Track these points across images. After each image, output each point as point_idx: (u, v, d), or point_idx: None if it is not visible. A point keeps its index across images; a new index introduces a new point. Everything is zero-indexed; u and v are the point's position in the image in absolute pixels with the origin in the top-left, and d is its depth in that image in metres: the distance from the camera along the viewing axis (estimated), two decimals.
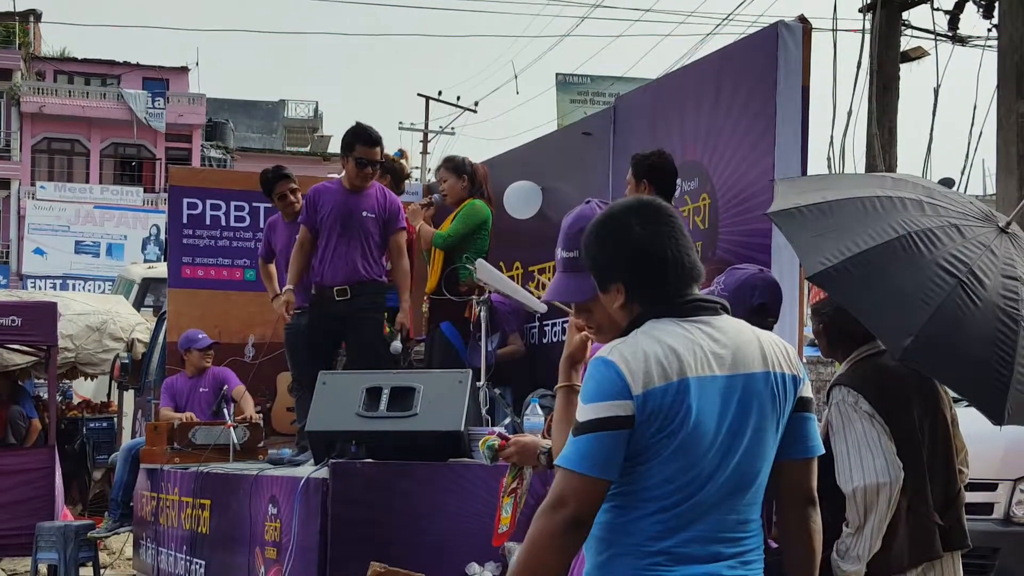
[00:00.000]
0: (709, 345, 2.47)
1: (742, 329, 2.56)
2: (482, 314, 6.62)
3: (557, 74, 35.46)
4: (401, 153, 8.79)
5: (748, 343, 2.52)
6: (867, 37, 11.39)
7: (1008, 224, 3.61)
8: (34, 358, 11.37)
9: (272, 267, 7.93)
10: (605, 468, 2.36)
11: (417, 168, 36.03)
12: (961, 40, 11.82)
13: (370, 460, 5.42)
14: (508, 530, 3.38)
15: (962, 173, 11.34)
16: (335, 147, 43.95)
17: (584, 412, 2.38)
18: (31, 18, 42.41)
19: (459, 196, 7.38)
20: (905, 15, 11.80)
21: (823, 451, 2.70)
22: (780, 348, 2.57)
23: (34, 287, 33.21)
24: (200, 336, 8.61)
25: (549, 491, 2.39)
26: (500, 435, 3.41)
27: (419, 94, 36.56)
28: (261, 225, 9.20)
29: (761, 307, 3.76)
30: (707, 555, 2.43)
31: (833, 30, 11.16)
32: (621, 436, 2.36)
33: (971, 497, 4.01)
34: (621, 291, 2.55)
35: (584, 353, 2.95)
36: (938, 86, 11.30)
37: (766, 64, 5.86)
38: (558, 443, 2.79)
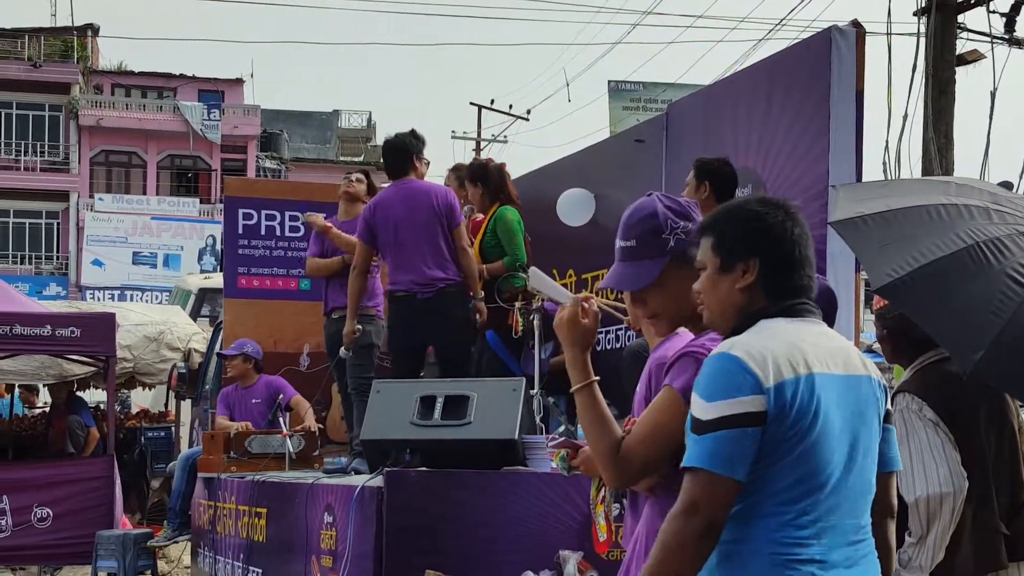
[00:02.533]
0: (825, 343, 2.44)
1: (838, 333, 2.58)
2: (536, 322, 6.61)
3: (609, 81, 35.39)
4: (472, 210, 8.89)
5: (850, 347, 2.52)
6: (922, 41, 11.29)
7: None
8: (93, 368, 11.51)
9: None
10: (736, 467, 2.29)
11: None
12: (1018, 43, 11.69)
13: (424, 468, 5.43)
14: (608, 537, 3.40)
15: (1021, 176, 11.18)
16: None
17: (708, 410, 2.31)
18: (89, 33, 43.05)
19: (482, 204, 7.42)
20: (960, 18, 11.69)
21: (901, 466, 2.68)
22: (864, 356, 2.57)
23: (92, 298, 33.72)
24: (234, 345, 8.69)
25: (680, 495, 2.33)
26: (565, 443, 3.40)
27: (471, 103, 36.61)
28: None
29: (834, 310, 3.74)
30: (847, 561, 2.39)
31: (888, 34, 11.07)
32: (753, 434, 2.30)
33: None
34: (753, 270, 2.50)
35: (594, 336, 2.87)
36: (995, 89, 11.17)
37: (819, 69, 5.82)
38: (597, 445, 2.76)
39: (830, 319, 3.74)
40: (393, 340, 6.96)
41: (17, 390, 14.34)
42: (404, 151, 7.04)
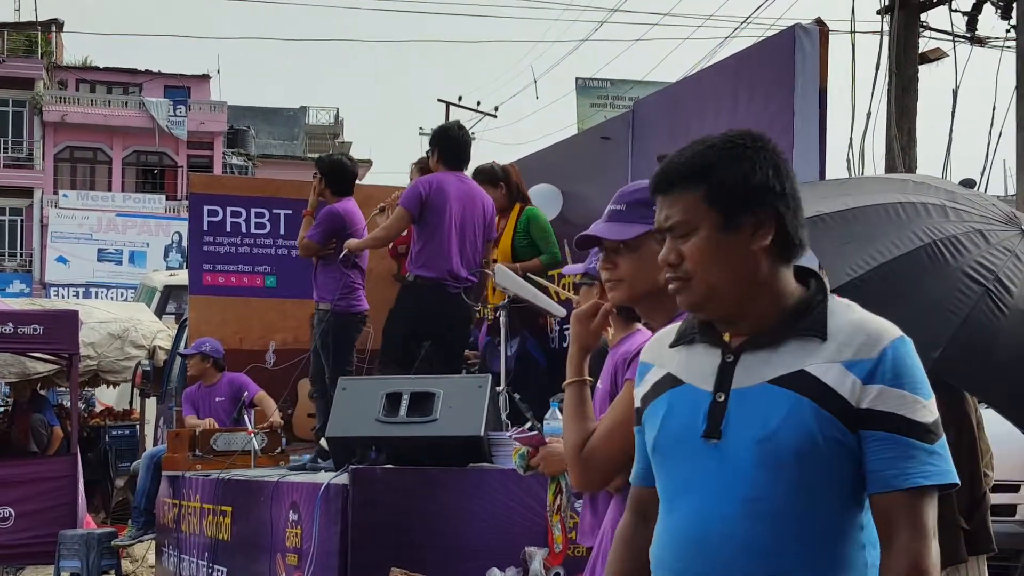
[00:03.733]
0: None
1: None
2: (501, 318, 6.62)
3: (577, 78, 35.42)
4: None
5: None
6: (885, 39, 11.37)
7: None
8: (56, 366, 11.42)
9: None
10: None
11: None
12: (980, 41, 11.79)
13: (390, 466, 5.42)
14: (563, 549, 3.38)
15: (982, 174, 11.29)
16: (356, 153, 44.08)
17: (933, 409, 1.97)
18: (53, 27, 42.68)
19: (501, 205, 7.40)
20: (923, 17, 11.78)
21: None
22: None
23: (57, 295, 33.47)
24: (193, 344, 8.64)
25: (921, 521, 1.94)
26: (526, 439, 3.38)
27: (439, 99, 36.58)
28: (282, 231, 9.21)
29: None
30: None
31: (851, 32, 11.13)
32: None
33: (995, 499, 3.98)
34: (772, 226, 2.00)
35: (598, 339, 2.82)
36: (957, 87, 11.26)
37: (783, 67, 5.85)
38: (567, 440, 2.76)
39: None
40: (403, 324, 6.81)
41: None
42: (468, 146, 7.07)
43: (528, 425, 5.83)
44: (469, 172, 7.25)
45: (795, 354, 1.99)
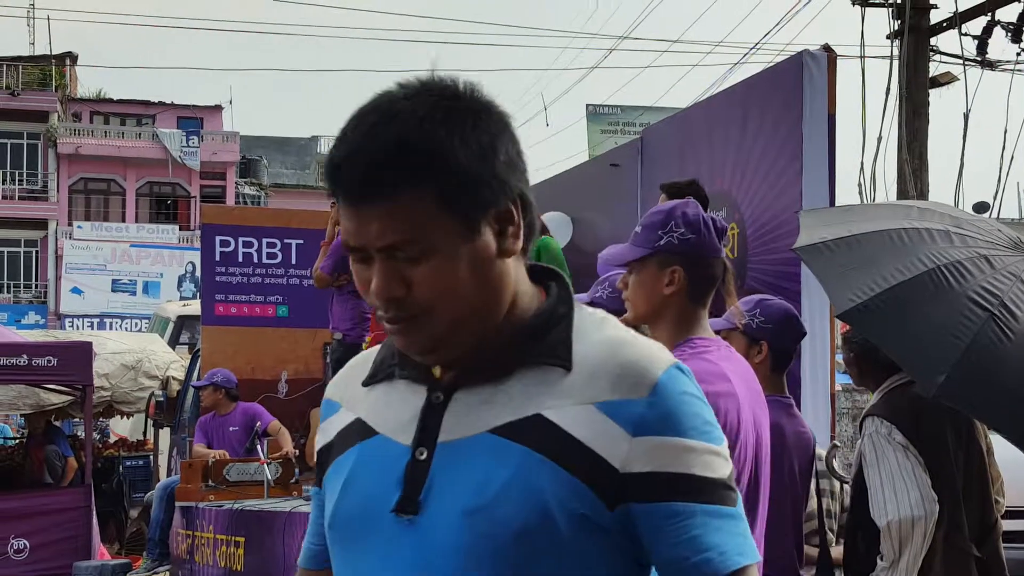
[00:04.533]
0: None
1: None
2: None
3: (587, 105, 35.51)
4: None
5: None
6: (895, 63, 11.38)
7: None
8: (70, 397, 11.45)
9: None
10: None
11: None
12: (990, 65, 11.78)
13: None
14: None
15: (994, 198, 11.27)
16: None
17: (727, 455, 1.52)
18: (67, 61, 42.97)
19: None
20: (933, 41, 11.79)
21: None
22: None
23: (72, 326, 33.54)
24: (206, 375, 8.64)
25: None
26: None
27: None
28: (293, 261, 9.27)
29: (804, 333, 3.75)
30: None
31: (861, 57, 11.14)
32: None
33: (1008, 525, 3.95)
34: (519, 218, 1.51)
35: None
36: (968, 111, 11.25)
37: (791, 93, 5.86)
38: None
39: (793, 345, 3.72)
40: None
41: None
42: None
43: None
44: None
45: (528, 392, 1.41)
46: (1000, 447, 3.78)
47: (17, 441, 14.15)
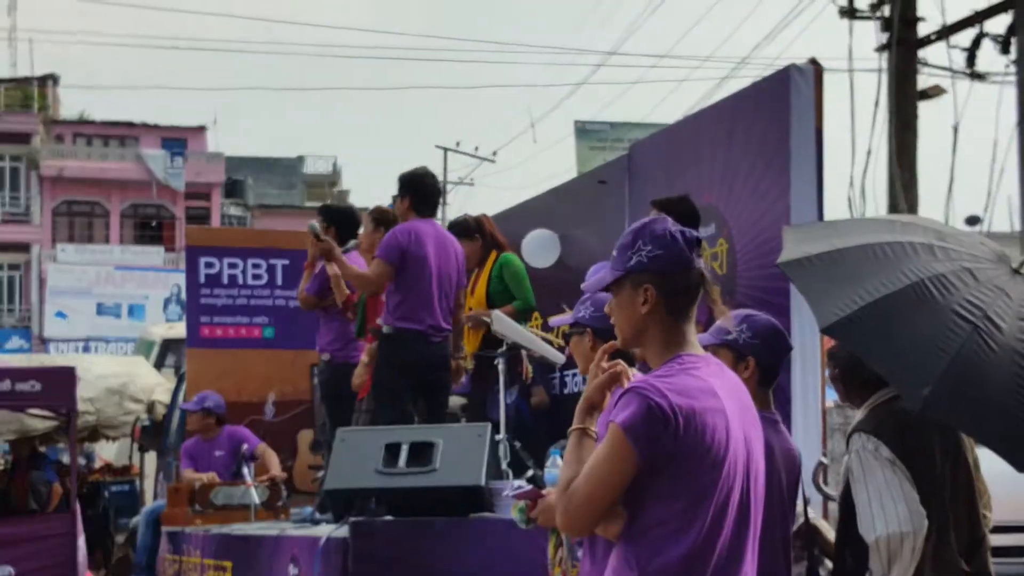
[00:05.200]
0: None
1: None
2: (500, 366, 6.58)
3: (575, 121, 35.60)
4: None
5: None
6: (884, 77, 11.40)
7: (1022, 265, 3.57)
8: (55, 423, 11.35)
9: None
10: None
11: (439, 220, 36.12)
12: (979, 76, 11.81)
13: (390, 517, 5.36)
14: None
15: (985, 210, 11.29)
16: (354, 200, 44.13)
17: None
18: (49, 82, 42.92)
19: (478, 256, 7.41)
20: (921, 53, 11.82)
21: None
22: None
23: (56, 351, 33.37)
24: (195, 398, 8.54)
25: None
26: (524, 494, 3.34)
27: (437, 146, 36.72)
28: (279, 282, 9.22)
29: (791, 348, 3.75)
30: None
31: (849, 70, 11.17)
32: None
33: (997, 540, 3.93)
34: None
35: (603, 398, 2.81)
36: (957, 123, 11.28)
37: (779, 107, 5.86)
38: (561, 480, 2.73)
39: (780, 360, 3.70)
40: (390, 374, 6.70)
41: None
42: (439, 193, 7.05)
43: (524, 479, 5.79)
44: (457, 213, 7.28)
45: None
46: (987, 461, 3.78)
47: (1, 468, 14.04)
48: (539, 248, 7.79)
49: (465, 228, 7.46)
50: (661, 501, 2.58)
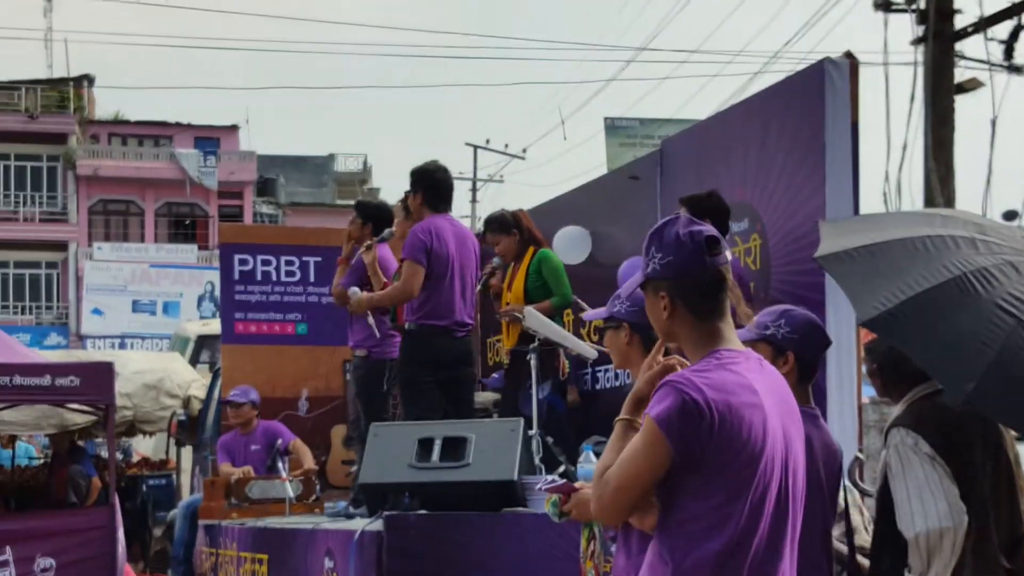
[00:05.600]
0: None
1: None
2: (532, 362, 6.60)
3: (605, 118, 35.47)
4: None
5: None
6: (919, 70, 11.30)
7: None
8: (93, 417, 11.47)
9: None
10: None
11: (467, 217, 36.21)
12: (1017, 69, 11.68)
13: (424, 511, 5.39)
14: None
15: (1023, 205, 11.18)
16: (384, 198, 44.15)
17: None
18: (84, 83, 43.25)
19: (515, 251, 7.40)
20: (958, 46, 11.70)
21: None
22: None
23: (93, 347, 33.66)
24: (233, 393, 8.61)
25: None
26: (557, 487, 3.35)
27: (467, 143, 36.79)
28: (311, 279, 9.27)
29: (829, 342, 3.74)
30: None
31: (884, 64, 11.10)
32: None
33: None
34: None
35: (650, 389, 2.80)
36: (995, 117, 11.16)
37: (813, 102, 5.83)
38: (598, 467, 2.76)
39: (818, 355, 3.70)
40: (416, 373, 6.72)
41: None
42: (452, 188, 7.05)
43: (561, 468, 5.80)
44: (488, 210, 7.28)
45: None
46: None
47: (41, 461, 14.20)
48: (570, 244, 7.79)
49: (503, 223, 7.45)
50: (696, 496, 2.59)
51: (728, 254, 2.76)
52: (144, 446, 16.05)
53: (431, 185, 6.88)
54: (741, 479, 2.57)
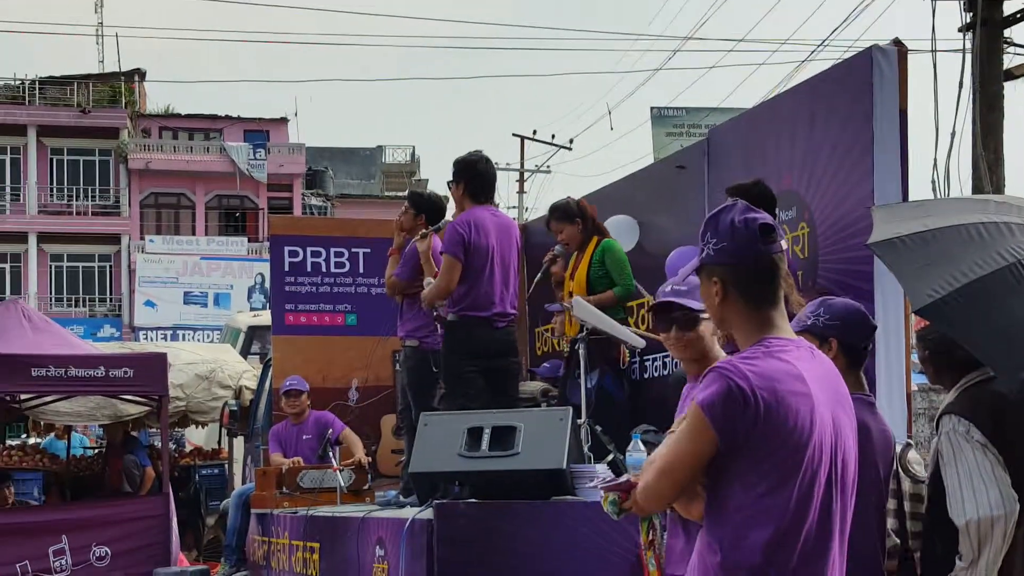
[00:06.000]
0: None
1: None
2: (581, 351, 6.61)
3: (652, 108, 35.39)
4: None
5: None
6: (968, 57, 11.17)
7: None
8: (147, 408, 11.63)
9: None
10: None
11: (514, 208, 36.22)
12: None
13: (473, 500, 5.43)
14: None
15: None
16: (433, 190, 44.22)
17: None
18: (136, 77, 43.71)
19: (579, 240, 7.40)
20: (1007, 32, 11.56)
21: None
22: None
23: (146, 339, 34.06)
24: (288, 382, 8.69)
25: None
26: (615, 486, 3.37)
27: (514, 134, 36.78)
28: (361, 270, 9.33)
29: (874, 327, 3.74)
30: None
31: (932, 51, 10.96)
32: None
33: None
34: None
35: None
36: None
37: (861, 89, 5.79)
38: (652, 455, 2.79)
39: (863, 340, 3.69)
40: (458, 364, 6.77)
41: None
42: (495, 179, 7.08)
43: (610, 457, 5.81)
44: (533, 201, 7.27)
45: None
46: None
47: (96, 451, 14.41)
48: (618, 233, 7.77)
49: (567, 211, 7.45)
50: (744, 484, 2.59)
51: (783, 243, 2.76)
52: (197, 436, 16.23)
53: (474, 176, 6.91)
54: (787, 467, 2.57)
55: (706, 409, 2.58)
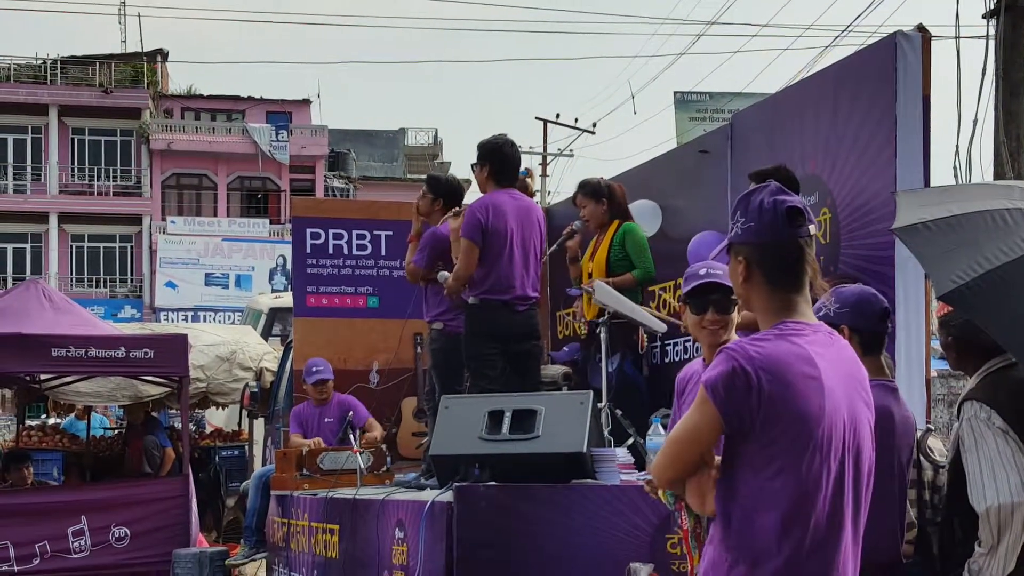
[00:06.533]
0: None
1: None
2: (602, 335, 6.62)
3: (675, 92, 35.32)
4: (527, 172, 8.83)
5: None
6: (991, 43, 11.10)
7: None
8: (167, 389, 11.68)
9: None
10: None
11: (538, 191, 36.21)
12: None
13: (493, 483, 5.45)
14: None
15: None
16: (455, 173, 44.20)
17: None
18: (158, 58, 43.80)
19: (601, 220, 7.39)
20: None
21: None
22: None
23: (167, 320, 34.19)
24: (314, 369, 8.68)
25: None
26: None
27: (537, 117, 36.71)
28: (383, 252, 9.35)
29: (886, 311, 3.75)
30: None
31: (956, 37, 10.87)
32: None
33: None
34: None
35: None
36: None
37: (884, 75, 5.77)
38: None
39: (877, 324, 3.70)
40: (479, 347, 6.78)
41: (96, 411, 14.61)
42: (520, 163, 7.08)
43: (631, 441, 5.82)
44: (556, 184, 7.27)
45: None
46: None
47: (116, 432, 14.49)
48: (641, 219, 7.77)
49: (595, 189, 7.43)
50: (752, 468, 2.61)
51: (812, 228, 2.76)
52: (217, 418, 16.30)
53: (499, 159, 6.91)
54: (795, 451, 2.58)
55: (709, 388, 2.61)
